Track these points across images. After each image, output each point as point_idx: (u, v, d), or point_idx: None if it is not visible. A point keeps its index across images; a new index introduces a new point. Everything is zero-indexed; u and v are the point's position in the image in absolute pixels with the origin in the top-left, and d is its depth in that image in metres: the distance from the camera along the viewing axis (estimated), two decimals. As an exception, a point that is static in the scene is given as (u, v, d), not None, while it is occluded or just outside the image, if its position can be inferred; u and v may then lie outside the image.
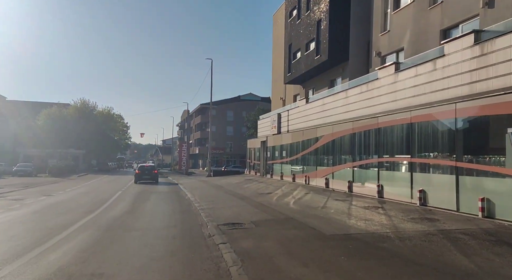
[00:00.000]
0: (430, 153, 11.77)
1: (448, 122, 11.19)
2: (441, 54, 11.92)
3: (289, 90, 30.11)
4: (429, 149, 11.76)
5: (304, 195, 16.09)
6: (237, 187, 21.22)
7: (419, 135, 12.24)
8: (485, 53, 10.02)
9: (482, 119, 10.19)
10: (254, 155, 32.90)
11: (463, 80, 10.73)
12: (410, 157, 12.36)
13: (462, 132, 10.71)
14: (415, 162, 12.11)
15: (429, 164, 11.61)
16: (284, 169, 24.85)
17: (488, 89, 9.84)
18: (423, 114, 12.03)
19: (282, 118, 27.32)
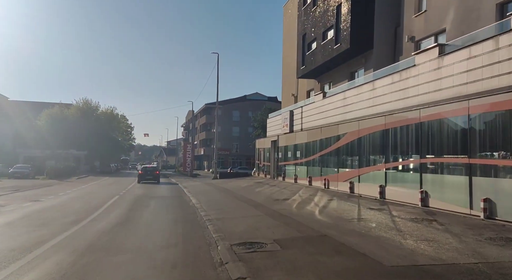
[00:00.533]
0: (495, 152, 9.36)
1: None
2: (506, 29, 9.53)
3: (302, 85, 27.76)
4: (495, 148, 9.35)
5: (328, 202, 13.71)
6: (248, 192, 18.90)
7: (480, 130, 9.84)
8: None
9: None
10: (263, 156, 30.57)
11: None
12: (467, 157, 9.95)
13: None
14: (475, 164, 9.69)
15: (498, 166, 9.19)
16: (298, 171, 22.48)
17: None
18: (486, 103, 9.62)
19: (294, 115, 24.97)
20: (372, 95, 15.78)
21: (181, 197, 18.05)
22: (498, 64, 9.65)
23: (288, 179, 24.05)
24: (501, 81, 9.43)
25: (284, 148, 25.27)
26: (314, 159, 20.26)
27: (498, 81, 9.58)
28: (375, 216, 10.26)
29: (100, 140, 57.64)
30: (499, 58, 9.63)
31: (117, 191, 21.42)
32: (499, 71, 9.61)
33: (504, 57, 9.49)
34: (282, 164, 25.45)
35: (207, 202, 14.96)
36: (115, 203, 15.27)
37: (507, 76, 9.34)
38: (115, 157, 74.09)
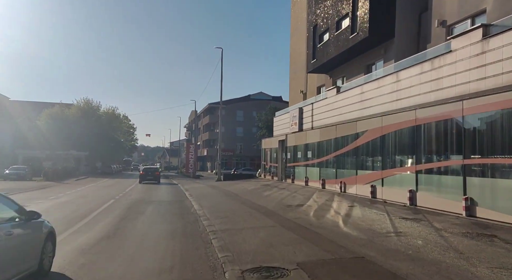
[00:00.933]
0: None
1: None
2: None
3: (312, 81, 25.93)
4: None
5: (350, 209, 11.87)
6: (255, 196, 17.08)
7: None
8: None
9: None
10: (270, 156, 28.74)
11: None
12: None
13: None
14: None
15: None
16: (309, 173, 20.63)
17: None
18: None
19: (304, 113, 23.14)
20: (396, 88, 13.94)
21: (181, 202, 16.26)
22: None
23: (298, 181, 22.20)
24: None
25: (293, 148, 23.43)
26: (328, 160, 18.41)
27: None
28: (415, 229, 8.42)
29: (101, 141, 56.09)
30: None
31: (114, 194, 19.67)
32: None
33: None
34: (291, 165, 23.61)
35: (211, 208, 13.16)
36: (108, 210, 13.50)
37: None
38: (117, 158, 72.46)
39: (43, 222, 5.80)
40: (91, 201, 16.48)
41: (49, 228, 5.88)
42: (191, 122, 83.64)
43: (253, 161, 66.02)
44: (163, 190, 23.36)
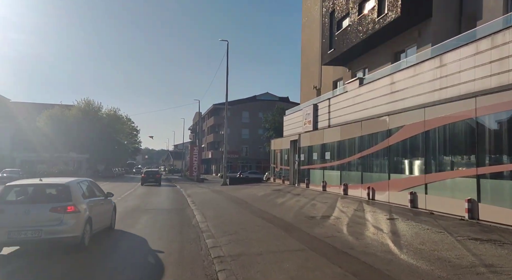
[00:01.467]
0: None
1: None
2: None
3: (327, 75, 23.44)
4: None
5: (391, 223, 9.35)
6: (268, 204, 14.59)
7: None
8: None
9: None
10: (280, 158, 26.23)
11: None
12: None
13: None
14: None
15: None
16: (328, 177, 18.11)
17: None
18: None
19: (319, 110, 20.67)
20: (439, 74, 11.44)
21: (182, 211, 13.81)
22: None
23: (313, 186, 19.68)
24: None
25: (307, 149, 20.92)
26: (351, 162, 15.88)
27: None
28: (507, 258, 5.89)
29: (102, 143, 53.95)
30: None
31: (106, 201, 17.27)
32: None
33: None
34: (305, 168, 21.09)
35: (216, 220, 10.69)
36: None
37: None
38: (120, 161, 70.22)
39: (111, 200, 9.63)
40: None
41: (114, 204, 9.96)
42: (195, 123, 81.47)
43: (259, 164, 63.53)
44: (163, 196, 20.93)
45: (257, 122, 62.22)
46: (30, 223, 6.53)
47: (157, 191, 24.55)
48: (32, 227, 6.48)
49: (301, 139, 21.93)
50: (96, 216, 7.75)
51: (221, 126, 65.52)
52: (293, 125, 24.79)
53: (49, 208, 6.77)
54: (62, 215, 6.73)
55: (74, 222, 6.80)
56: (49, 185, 7.73)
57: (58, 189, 7.53)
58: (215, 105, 63.35)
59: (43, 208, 6.80)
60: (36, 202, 7.11)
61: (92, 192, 8.38)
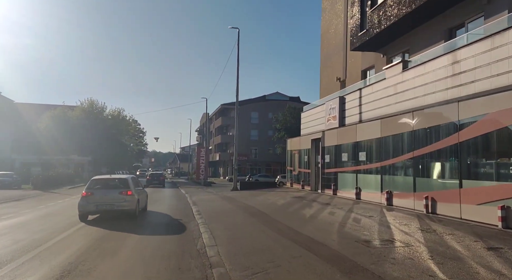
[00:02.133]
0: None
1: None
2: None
3: (353, 64, 20.16)
4: None
5: (498, 254, 6.05)
6: (294, 217, 11.32)
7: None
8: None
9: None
10: (298, 160, 22.92)
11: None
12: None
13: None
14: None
15: None
16: (363, 182, 14.78)
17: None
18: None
19: (347, 103, 17.41)
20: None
21: (184, 227, 10.61)
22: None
23: (342, 192, 16.35)
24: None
25: (334, 148, 17.62)
26: (397, 164, 12.56)
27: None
28: None
29: (106, 145, 51.09)
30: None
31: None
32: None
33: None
34: (331, 171, 17.78)
35: (231, 245, 7.48)
36: (62, 244, 8.01)
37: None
38: (126, 163, 67.32)
39: (145, 190, 14.19)
40: (55, 224, 10.98)
41: (147, 193, 14.19)
42: (202, 125, 78.58)
43: (269, 167, 60.24)
44: (165, 203, 17.77)
45: (266, 123, 59.01)
46: (107, 200, 11.08)
47: (159, 197, 21.44)
48: (108, 203, 11.07)
49: (325, 138, 18.65)
50: (140, 199, 12.19)
51: (229, 127, 62.39)
52: (313, 122, 21.53)
53: (118, 192, 11.26)
54: (125, 196, 11.21)
55: (131, 201, 11.30)
56: (116, 179, 12.47)
57: (121, 181, 11.97)
58: (223, 105, 60.31)
59: (114, 192, 11.29)
60: (110, 188, 11.50)
61: (137, 183, 13.04)
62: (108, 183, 11.96)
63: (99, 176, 13.11)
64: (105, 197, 11.10)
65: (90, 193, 11.17)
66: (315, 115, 21.40)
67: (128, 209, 11.14)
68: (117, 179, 12.45)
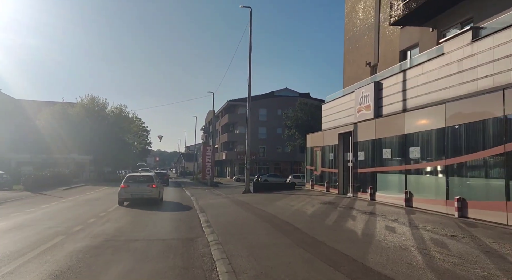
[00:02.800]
0: None
1: None
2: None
3: (389, 45, 16.94)
4: None
5: None
6: (340, 235, 8.13)
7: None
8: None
9: None
10: (321, 158, 19.71)
11: None
12: None
13: None
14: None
15: None
16: (414, 185, 11.57)
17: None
18: None
19: (385, 89, 14.22)
20: None
21: (189, 248, 7.48)
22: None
23: (383, 197, 13.17)
24: None
25: (370, 144, 14.44)
26: (473, 162, 9.36)
27: None
28: None
29: (108, 143, 48.22)
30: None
31: (84, 218, 11.23)
32: None
33: None
34: (366, 171, 14.60)
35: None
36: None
37: None
38: (129, 162, 64.38)
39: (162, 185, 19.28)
40: (17, 241, 7.93)
41: (163, 187, 19.03)
42: (208, 122, 75.59)
43: (277, 166, 57.10)
44: (165, 212, 14.65)
45: (275, 120, 55.88)
46: (139, 191, 15.09)
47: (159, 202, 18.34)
48: (140, 193, 15.07)
49: (358, 131, 15.46)
50: (160, 191, 16.50)
51: (236, 125, 59.29)
52: (338, 115, 18.38)
53: (146, 185, 15.32)
54: (151, 188, 15.21)
55: (156, 191, 15.38)
56: (144, 175, 16.92)
57: (148, 177, 16.33)
58: (229, 102, 57.21)
59: (144, 185, 15.34)
60: (140, 182, 15.63)
61: (158, 179, 17.39)
62: (139, 178, 16.21)
63: (132, 174, 18.48)
64: (137, 188, 15.17)
65: (127, 185, 15.23)
66: (341, 106, 18.23)
67: (153, 197, 15.32)
68: (145, 175, 16.92)
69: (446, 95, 10.77)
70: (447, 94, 10.78)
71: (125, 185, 15.21)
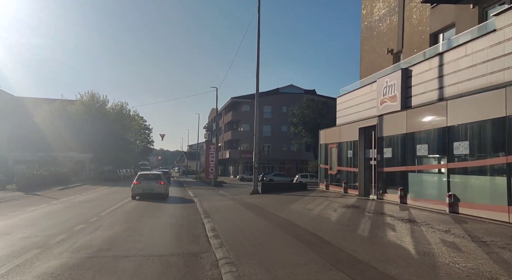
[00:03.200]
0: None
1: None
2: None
3: (416, 28, 15.06)
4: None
5: None
6: (384, 251, 6.32)
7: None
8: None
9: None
10: (337, 156, 17.84)
11: None
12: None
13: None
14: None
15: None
16: (461, 187, 9.69)
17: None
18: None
19: (415, 77, 12.36)
20: None
21: (193, 272, 5.69)
22: None
23: (416, 200, 11.31)
24: None
25: (399, 139, 12.59)
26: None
27: None
28: None
29: (109, 141, 46.54)
30: None
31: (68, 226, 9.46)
32: None
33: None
34: (395, 170, 12.74)
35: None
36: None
37: None
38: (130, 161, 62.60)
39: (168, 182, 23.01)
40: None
41: (169, 183, 23.12)
42: (211, 121, 73.88)
43: (282, 165, 55.27)
44: (165, 215, 12.76)
45: (280, 117, 54.06)
46: (149, 187, 17.26)
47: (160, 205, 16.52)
48: (150, 188, 17.25)
49: (383, 125, 13.60)
50: (167, 187, 18.87)
51: (240, 122, 57.51)
52: (356, 108, 16.54)
53: (155, 182, 17.54)
54: (160, 185, 17.48)
55: (164, 187, 17.61)
56: (154, 174, 19.50)
57: (157, 175, 18.89)
58: (233, 99, 55.37)
59: (153, 182, 17.54)
60: (150, 179, 17.78)
61: (165, 176, 20.49)
62: (149, 176, 18.39)
63: (143, 172, 20.30)
64: (148, 185, 17.29)
65: (139, 182, 17.32)
66: (359, 98, 16.39)
67: (161, 192, 17.52)
68: (154, 174, 19.49)
69: (499, 79, 8.91)
70: (501, 77, 8.92)
71: (138, 182, 17.57)
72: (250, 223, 9.71)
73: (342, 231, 8.16)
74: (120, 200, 17.77)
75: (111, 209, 14.01)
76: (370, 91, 15.44)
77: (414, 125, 11.76)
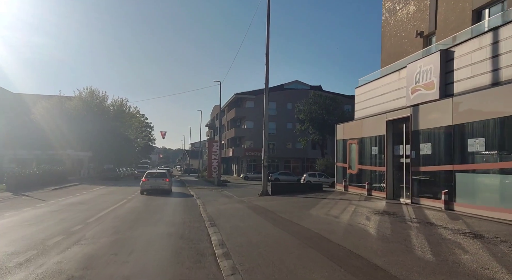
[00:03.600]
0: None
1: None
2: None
3: (453, 4, 12.95)
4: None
5: None
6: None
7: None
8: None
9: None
10: (358, 153, 15.72)
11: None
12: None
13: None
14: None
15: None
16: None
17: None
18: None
19: (458, 58, 10.33)
20: None
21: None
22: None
23: (468, 207, 9.26)
24: None
25: (441, 132, 10.51)
26: None
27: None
28: None
29: (108, 139, 44.61)
30: None
31: (24, 248, 7.42)
32: None
33: None
34: (436, 169, 10.66)
35: None
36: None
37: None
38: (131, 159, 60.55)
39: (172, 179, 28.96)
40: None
41: (172, 180, 28.63)
42: (214, 118, 71.86)
43: (287, 163, 53.16)
44: (164, 220, 10.72)
45: (285, 114, 51.98)
46: (156, 184, 19.67)
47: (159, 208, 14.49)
48: (157, 185, 19.66)
49: (419, 116, 11.51)
50: (171, 184, 21.65)
51: (243, 119, 55.44)
52: (380, 99, 14.47)
53: (161, 179, 20.09)
54: (165, 182, 20.01)
55: (169, 184, 20.32)
56: (159, 172, 21.82)
57: (162, 173, 21.24)
58: (236, 95, 53.29)
59: (160, 179, 20.09)
60: (157, 177, 20.33)
61: (169, 174, 26.54)
62: (156, 174, 20.99)
63: (150, 170, 23.79)
64: (155, 182, 19.77)
65: (147, 179, 19.78)
66: (383, 87, 14.32)
67: (167, 188, 20.05)
68: (160, 172, 21.91)
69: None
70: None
71: (146, 179, 19.81)
72: (268, 237, 7.66)
73: (395, 253, 6.10)
74: (115, 202, 15.81)
75: (102, 213, 12.04)
76: (398, 79, 13.37)
77: (463, 115, 9.68)
